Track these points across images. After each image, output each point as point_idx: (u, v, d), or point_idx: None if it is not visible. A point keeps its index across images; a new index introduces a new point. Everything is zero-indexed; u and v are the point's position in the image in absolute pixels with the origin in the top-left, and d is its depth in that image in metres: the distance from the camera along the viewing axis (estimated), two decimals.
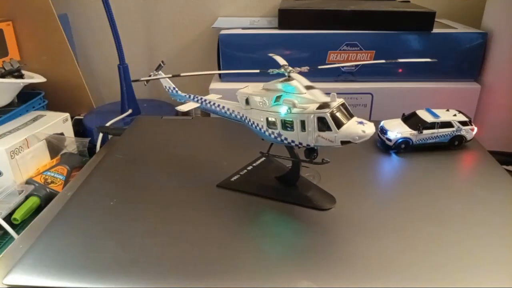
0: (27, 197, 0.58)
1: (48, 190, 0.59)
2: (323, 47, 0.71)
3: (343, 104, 0.38)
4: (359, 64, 0.72)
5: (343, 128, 0.37)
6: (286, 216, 0.42)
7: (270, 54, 0.45)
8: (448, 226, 0.40)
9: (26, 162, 0.62)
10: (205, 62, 0.94)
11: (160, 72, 0.51)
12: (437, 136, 0.55)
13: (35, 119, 0.70)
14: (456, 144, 0.56)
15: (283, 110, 0.39)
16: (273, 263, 0.36)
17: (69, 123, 0.74)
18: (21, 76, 0.70)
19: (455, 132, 0.55)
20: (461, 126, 0.55)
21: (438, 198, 0.45)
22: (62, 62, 0.82)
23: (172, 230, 0.40)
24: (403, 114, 0.58)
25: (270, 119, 0.41)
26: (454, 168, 0.53)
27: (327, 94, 0.37)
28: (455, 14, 0.85)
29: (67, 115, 0.73)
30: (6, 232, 0.51)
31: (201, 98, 0.49)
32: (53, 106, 0.79)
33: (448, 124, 0.55)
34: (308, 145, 0.39)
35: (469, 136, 0.56)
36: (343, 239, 0.39)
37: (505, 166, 0.68)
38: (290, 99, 0.38)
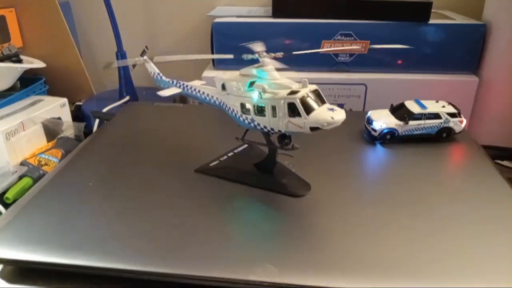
0: (20, 178, 0.59)
1: (41, 171, 0.61)
2: (317, 36, 0.70)
3: (315, 91, 0.38)
4: (353, 54, 0.71)
5: (313, 114, 0.37)
6: (258, 202, 0.42)
7: (247, 44, 0.43)
8: (425, 217, 0.40)
9: (22, 144, 0.64)
10: (203, 50, 0.94)
11: (145, 57, 0.52)
12: (424, 127, 0.54)
13: (33, 104, 0.71)
14: (444, 136, 0.55)
15: (255, 95, 0.39)
16: (239, 247, 0.36)
17: (67, 108, 0.75)
18: (19, 61, 0.72)
19: (442, 123, 0.54)
20: (449, 118, 0.54)
21: (417, 189, 0.45)
22: (63, 49, 0.83)
23: (144, 212, 0.40)
24: (392, 105, 0.58)
25: (244, 104, 0.41)
26: (439, 160, 0.52)
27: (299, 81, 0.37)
28: (456, 5, 0.82)
29: (64, 100, 0.74)
30: None
31: (183, 84, 0.49)
32: (54, 92, 0.80)
33: (435, 116, 0.54)
34: (279, 130, 0.39)
35: (457, 128, 0.55)
36: (313, 226, 0.39)
37: (499, 161, 0.66)
38: (261, 84, 0.39)
